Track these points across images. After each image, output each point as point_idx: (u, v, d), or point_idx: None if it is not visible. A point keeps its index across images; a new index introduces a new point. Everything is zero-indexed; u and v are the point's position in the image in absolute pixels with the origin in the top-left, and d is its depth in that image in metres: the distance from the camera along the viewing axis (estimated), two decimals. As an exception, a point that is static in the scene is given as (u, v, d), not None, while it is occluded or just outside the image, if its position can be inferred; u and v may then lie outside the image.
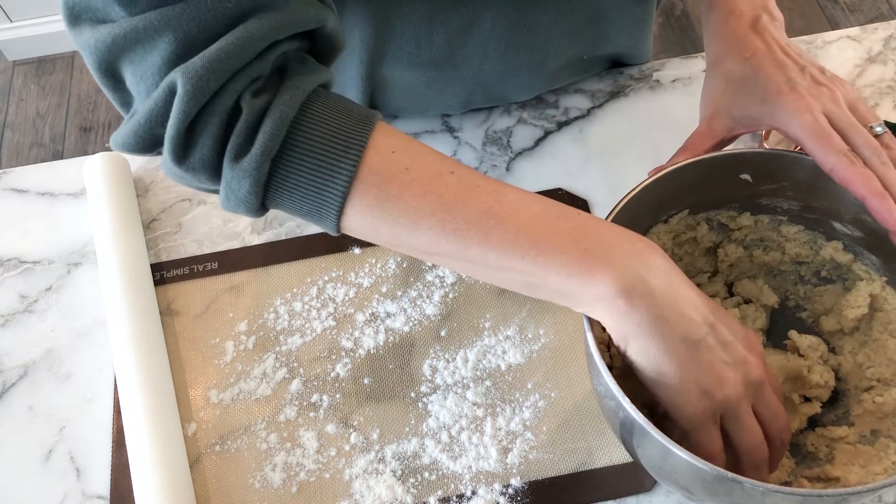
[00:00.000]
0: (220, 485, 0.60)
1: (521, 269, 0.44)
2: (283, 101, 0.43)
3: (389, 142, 0.46)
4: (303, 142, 0.44)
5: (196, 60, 0.42)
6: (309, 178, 0.45)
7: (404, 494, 0.59)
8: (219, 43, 0.42)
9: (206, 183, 0.47)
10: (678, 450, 0.43)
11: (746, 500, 0.44)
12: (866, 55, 0.80)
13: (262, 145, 0.43)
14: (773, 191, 0.56)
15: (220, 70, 0.42)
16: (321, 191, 0.45)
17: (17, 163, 1.86)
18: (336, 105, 0.46)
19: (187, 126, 0.43)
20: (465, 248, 0.45)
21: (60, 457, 0.62)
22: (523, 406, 0.62)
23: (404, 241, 0.46)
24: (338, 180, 0.44)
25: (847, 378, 0.58)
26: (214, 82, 0.42)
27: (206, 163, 0.44)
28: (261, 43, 0.43)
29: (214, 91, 0.42)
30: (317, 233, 0.71)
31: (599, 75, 0.80)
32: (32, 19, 1.99)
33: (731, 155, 0.55)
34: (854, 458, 0.53)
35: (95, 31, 0.43)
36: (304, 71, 0.46)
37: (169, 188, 0.75)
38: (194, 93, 0.41)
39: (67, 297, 0.70)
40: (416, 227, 0.45)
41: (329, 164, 0.44)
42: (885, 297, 0.56)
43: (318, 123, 0.44)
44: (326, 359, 0.65)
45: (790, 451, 0.56)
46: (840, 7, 2.01)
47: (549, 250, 0.44)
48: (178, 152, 0.44)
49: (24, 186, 0.77)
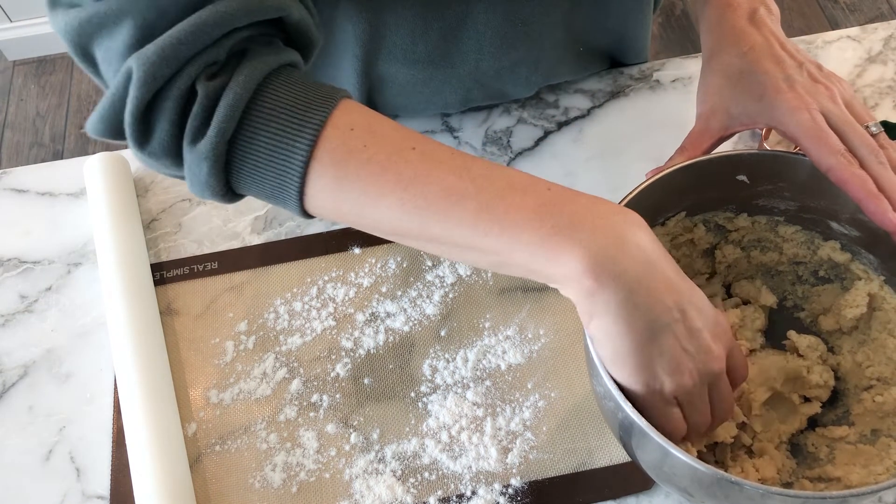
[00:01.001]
0: (220, 485, 0.60)
1: (486, 247, 0.43)
2: (238, 83, 0.43)
3: (350, 118, 0.44)
4: (258, 122, 0.44)
5: (150, 47, 0.42)
6: (267, 159, 0.44)
7: (404, 494, 0.59)
8: (172, 30, 0.42)
9: (171, 168, 0.46)
10: (677, 451, 0.43)
11: (746, 502, 0.44)
12: (866, 55, 0.80)
13: (217, 127, 0.43)
14: (770, 191, 0.56)
15: (172, 56, 0.42)
16: (280, 172, 0.44)
17: (17, 163, 1.86)
18: (297, 84, 0.45)
19: (143, 111, 0.43)
20: (426, 227, 0.44)
21: (60, 457, 0.62)
22: (523, 406, 0.62)
23: (368, 222, 0.46)
24: (294, 161, 0.44)
25: (846, 377, 0.58)
26: (167, 68, 0.42)
27: (166, 148, 0.44)
28: (215, 30, 0.43)
29: (168, 77, 0.42)
30: (317, 232, 0.72)
31: (599, 75, 0.80)
32: (32, 19, 1.99)
33: (727, 156, 0.55)
34: (855, 457, 0.53)
35: (67, 15, 0.44)
36: (265, 53, 0.45)
37: (169, 188, 0.75)
38: (146, 78, 0.42)
39: (67, 297, 0.70)
40: (377, 207, 0.44)
41: (285, 145, 0.44)
42: (884, 296, 0.56)
43: (274, 104, 0.44)
44: (326, 359, 0.65)
45: (791, 451, 0.56)
46: (840, 7, 2.01)
47: (513, 228, 0.42)
48: (137, 137, 0.44)
49: (24, 186, 0.77)
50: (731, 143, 0.74)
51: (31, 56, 2.05)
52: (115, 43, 0.43)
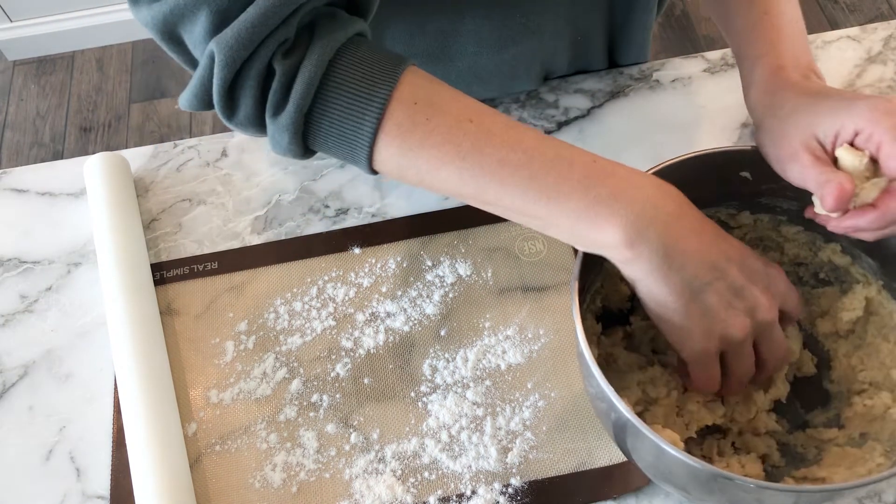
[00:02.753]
0: (220, 485, 0.60)
1: (535, 213, 0.48)
2: (312, 61, 0.47)
3: (414, 92, 0.49)
4: (332, 96, 0.48)
5: (227, 31, 0.47)
6: (339, 130, 0.49)
7: (404, 494, 0.59)
8: (246, 13, 0.46)
9: (257, 134, 0.52)
10: (672, 449, 0.43)
11: (740, 496, 0.44)
12: (866, 55, 0.80)
13: (295, 102, 0.48)
14: (774, 190, 0.56)
15: (247, 39, 0.46)
16: (351, 141, 0.49)
17: (17, 163, 1.86)
18: (364, 58, 0.49)
19: (228, 89, 0.48)
20: (483, 192, 0.48)
21: (60, 457, 0.62)
22: (523, 406, 0.62)
23: (429, 185, 0.50)
24: (363, 133, 0.49)
25: (840, 381, 0.58)
26: (244, 50, 0.46)
27: (251, 119, 0.50)
28: (282, 9, 0.46)
29: (245, 58, 0.47)
30: (317, 232, 0.72)
31: (599, 75, 0.80)
32: (32, 19, 1.99)
33: (730, 152, 0.54)
34: (841, 459, 0.53)
35: (151, 9, 0.49)
36: (332, 28, 0.49)
37: (169, 188, 0.75)
38: (226, 62, 0.47)
39: (67, 297, 0.70)
40: (438, 174, 0.49)
41: (355, 117, 0.48)
42: (881, 301, 0.56)
43: (344, 78, 0.48)
44: (326, 359, 0.65)
45: (780, 451, 0.56)
46: (840, 7, 2.01)
47: (560, 197, 0.46)
48: (225, 112, 0.50)
49: (24, 186, 0.77)
50: (734, 139, 0.74)
51: (31, 56, 2.05)
52: (197, 29, 0.48)
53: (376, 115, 0.48)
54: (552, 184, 0.46)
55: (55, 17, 1.99)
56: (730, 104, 0.76)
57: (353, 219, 0.73)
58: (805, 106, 0.51)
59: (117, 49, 2.05)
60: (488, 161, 0.47)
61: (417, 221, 0.71)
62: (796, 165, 0.50)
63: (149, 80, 1.99)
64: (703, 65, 0.79)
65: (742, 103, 0.59)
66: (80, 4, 1.97)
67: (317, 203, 0.74)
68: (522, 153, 0.47)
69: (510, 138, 0.48)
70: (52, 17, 1.99)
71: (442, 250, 0.70)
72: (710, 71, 0.79)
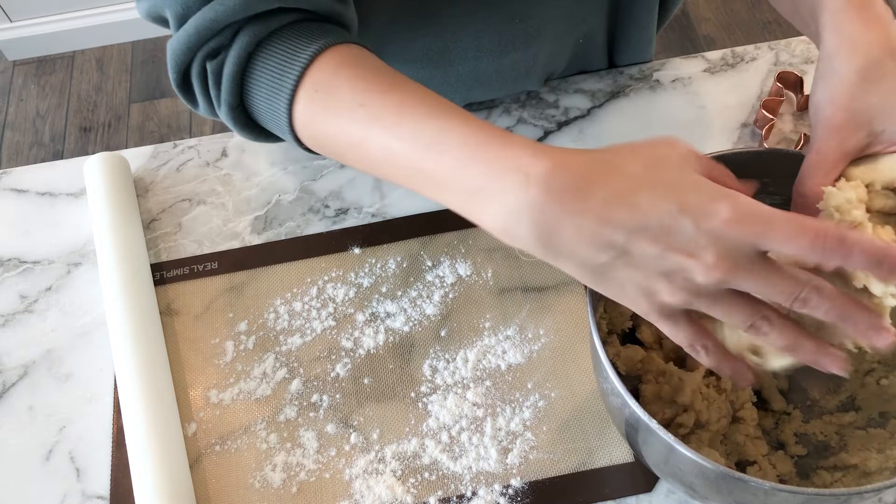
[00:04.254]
0: (220, 485, 0.60)
1: (426, 195, 0.46)
2: (231, 59, 0.51)
3: (315, 79, 0.50)
4: (253, 88, 0.52)
5: (174, 38, 0.52)
6: (267, 117, 0.52)
7: (404, 494, 0.59)
8: (187, 24, 0.51)
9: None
10: (683, 448, 0.43)
11: (750, 498, 0.44)
12: (866, 55, 0.80)
13: (224, 99, 0.52)
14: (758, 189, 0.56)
15: (186, 46, 0.51)
16: (280, 126, 0.52)
17: (17, 163, 1.86)
18: (279, 48, 0.51)
19: (181, 89, 0.54)
20: (382, 176, 0.49)
21: (60, 457, 0.62)
22: (523, 406, 0.62)
23: (339, 160, 0.52)
24: (282, 120, 0.51)
25: None
26: (185, 56, 0.52)
27: (208, 112, 0.55)
28: (216, 25, 0.50)
29: (188, 62, 0.52)
30: (317, 233, 0.72)
31: (599, 75, 0.80)
32: (32, 19, 1.99)
33: (726, 156, 0.54)
34: (867, 442, 0.53)
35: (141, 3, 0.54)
36: (255, 27, 0.51)
37: (169, 188, 0.75)
38: (173, 64, 0.53)
39: (67, 297, 0.70)
40: (345, 160, 0.51)
41: (274, 105, 0.51)
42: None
43: (261, 71, 0.51)
44: (326, 359, 0.65)
45: (800, 441, 0.57)
46: (840, 7, 2.01)
47: (438, 188, 0.44)
48: (188, 103, 0.56)
49: (24, 186, 0.77)
50: (733, 139, 0.74)
51: (31, 56, 2.05)
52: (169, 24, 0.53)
53: (286, 106, 0.50)
54: (428, 177, 0.44)
55: (55, 17, 1.99)
56: (730, 104, 0.76)
57: (353, 219, 0.73)
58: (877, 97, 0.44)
59: (117, 49, 2.05)
60: (374, 150, 0.47)
61: (417, 221, 0.71)
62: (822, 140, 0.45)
63: (149, 80, 1.99)
64: (704, 65, 0.79)
65: (742, 103, 0.59)
66: (80, 4, 1.97)
67: (317, 203, 0.74)
68: (401, 142, 0.45)
69: (391, 124, 0.46)
70: (52, 17, 1.99)
71: (442, 250, 0.70)
72: (710, 71, 0.79)
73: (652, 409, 0.55)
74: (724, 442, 0.55)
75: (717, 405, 0.54)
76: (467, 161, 0.43)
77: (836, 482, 0.52)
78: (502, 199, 0.40)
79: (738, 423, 0.56)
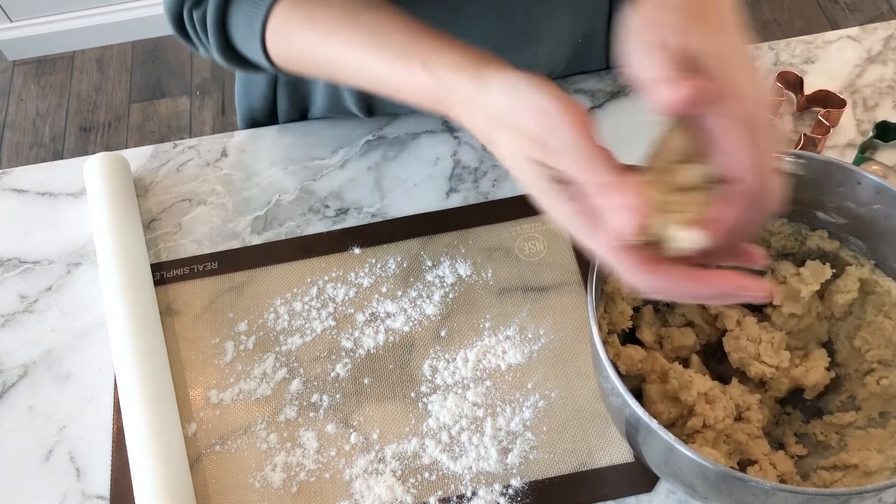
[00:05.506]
0: (220, 485, 0.60)
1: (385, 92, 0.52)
2: (210, 8, 0.57)
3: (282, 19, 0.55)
4: (232, 28, 0.58)
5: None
6: (245, 47, 0.58)
7: (404, 494, 0.59)
8: None
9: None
10: (683, 447, 0.43)
11: (750, 497, 0.44)
12: (866, 55, 0.80)
13: (212, 44, 0.59)
14: None
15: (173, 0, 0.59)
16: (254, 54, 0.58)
17: (17, 163, 1.86)
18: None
19: (180, 34, 0.61)
20: (341, 81, 0.56)
21: (60, 457, 0.62)
22: (523, 406, 0.62)
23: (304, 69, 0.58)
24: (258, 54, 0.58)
25: (846, 363, 0.58)
26: (175, 6, 0.59)
27: (207, 53, 0.61)
28: None
29: (178, 13, 0.59)
30: (317, 233, 0.72)
31: (599, 75, 0.80)
32: (32, 19, 1.99)
33: None
34: (867, 442, 0.53)
35: None
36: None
37: (169, 188, 0.75)
38: (168, 16, 0.60)
39: (67, 297, 0.70)
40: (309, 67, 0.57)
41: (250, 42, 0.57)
42: (876, 280, 0.56)
43: (235, 17, 0.57)
44: (326, 359, 0.65)
45: (801, 442, 0.57)
46: (840, 7, 2.01)
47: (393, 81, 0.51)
48: (191, 48, 0.62)
49: (24, 186, 0.77)
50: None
51: (31, 56, 2.05)
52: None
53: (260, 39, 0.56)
54: (387, 70, 0.50)
55: (55, 17, 1.99)
56: (730, 104, 0.76)
57: (353, 219, 0.73)
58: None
59: (117, 49, 2.05)
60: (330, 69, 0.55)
61: (417, 221, 0.71)
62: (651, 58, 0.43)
63: (149, 80, 1.99)
64: (704, 65, 0.79)
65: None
66: (80, 4, 1.97)
67: (317, 203, 0.74)
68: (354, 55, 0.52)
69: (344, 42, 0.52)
70: (52, 17, 1.99)
71: (442, 250, 0.70)
72: (710, 71, 0.79)
73: (657, 409, 0.55)
74: (727, 441, 0.55)
75: (721, 404, 0.54)
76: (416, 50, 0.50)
77: (836, 482, 0.52)
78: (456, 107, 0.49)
79: (740, 422, 0.56)
